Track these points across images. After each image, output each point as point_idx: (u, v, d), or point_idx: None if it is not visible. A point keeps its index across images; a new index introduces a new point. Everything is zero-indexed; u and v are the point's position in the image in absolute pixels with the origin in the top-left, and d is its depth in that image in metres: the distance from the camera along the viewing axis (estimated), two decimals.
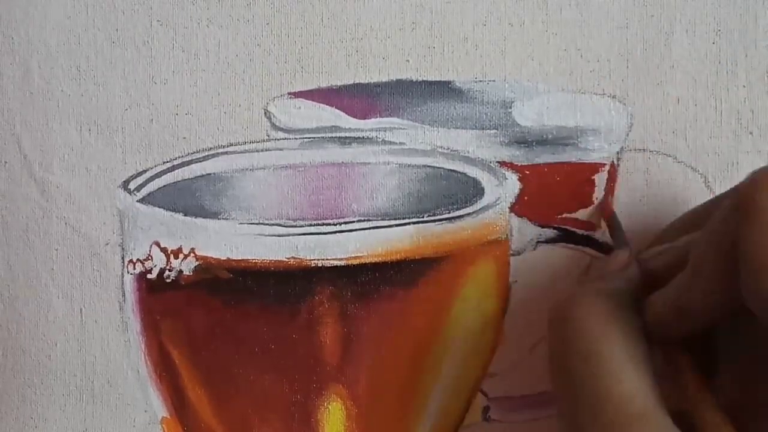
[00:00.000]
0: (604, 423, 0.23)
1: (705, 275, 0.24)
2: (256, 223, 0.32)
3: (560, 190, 0.33)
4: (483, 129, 0.33)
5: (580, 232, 0.33)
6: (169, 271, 0.32)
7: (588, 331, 0.25)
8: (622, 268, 0.28)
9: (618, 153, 0.33)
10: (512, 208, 0.33)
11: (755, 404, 0.25)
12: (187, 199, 0.33)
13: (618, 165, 0.33)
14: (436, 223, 0.32)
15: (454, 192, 0.33)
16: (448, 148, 0.33)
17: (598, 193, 0.33)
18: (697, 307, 0.24)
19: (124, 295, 0.34)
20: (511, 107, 0.33)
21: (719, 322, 0.25)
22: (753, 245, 0.22)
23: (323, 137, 0.33)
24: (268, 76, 0.34)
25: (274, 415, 0.32)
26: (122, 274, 0.34)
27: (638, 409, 0.23)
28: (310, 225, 0.32)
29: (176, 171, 0.33)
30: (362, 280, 0.32)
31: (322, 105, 0.34)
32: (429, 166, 0.33)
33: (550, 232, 0.33)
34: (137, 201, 0.33)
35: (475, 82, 0.33)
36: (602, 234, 0.33)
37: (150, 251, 0.33)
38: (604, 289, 0.27)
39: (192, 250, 0.32)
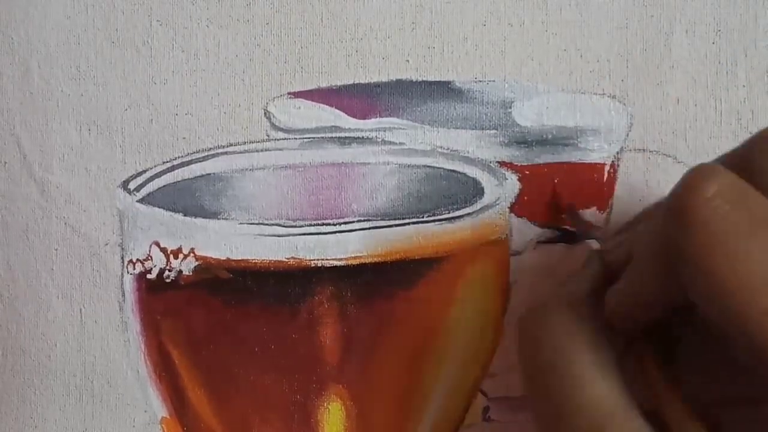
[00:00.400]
0: (577, 427, 0.24)
1: (645, 274, 0.24)
2: (256, 223, 0.32)
3: (560, 190, 0.33)
4: (483, 129, 0.33)
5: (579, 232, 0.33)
6: (169, 271, 0.32)
7: (553, 342, 0.25)
8: (583, 266, 0.29)
9: (618, 153, 0.33)
10: (512, 208, 0.33)
11: (719, 396, 0.25)
12: (187, 199, 0.33)
13: (618, 165, 0.33)
14: (436, 223, 0.32)
15: (454, 192, 0.33)
16: (448, 148, 0.33)
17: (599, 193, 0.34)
18: (644, 301, 0.25)
19: (123, 295, 0.34)
20: (511, 107, 0.33)
21: (671, 313, 0.25)
22: (687, 247, 0.22)
23: (323, 137, 0.33)
24: (268, 76, 0.34)
25: (274, 415, 0.32)
26: (122, 274, 0.34)
27: (608, 410, 0.24)
28: (310, 225, 0.32)
29: (176, 171, 0.33)
30: (362, 280, 0.32)
31: (321, 105, 0.34)
32: (429, 167, 0.33)
33: (549, 233, 0.33)
34: (137, 201, 0.33)
35: (475, 82, 0.33)
36: (602, 234, 0.33)
37: (150, 251, 0.33)
38: (566, 294, 0.27)
39: (192, 250, 0.32)
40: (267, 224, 0.32)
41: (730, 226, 0.21)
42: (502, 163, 0.33)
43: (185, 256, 0.32)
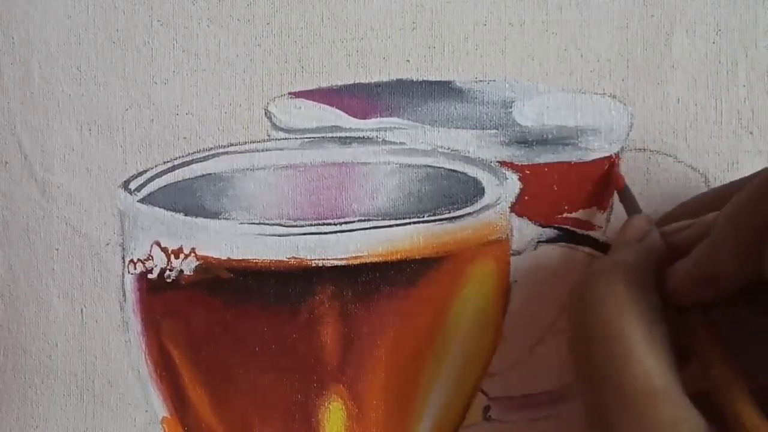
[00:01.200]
0: (624, 401, 0.24)
1: (726, 250, 0.24)
2: (257, 223, 0.32)
3: (560, 190, 0.33)
4: (483, 129, 0.33)
5: (580, 232, 0.33)
6: (170, 270, 0.32)
7: (606, 312, 0.25)
8: (640, 237, 0.28)
9: (618, 153, 0.33)
10: (512, 208, 0.33)
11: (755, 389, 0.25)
12: (188, 199, 0.33)
13: (618, 165, 0.33)
14: (437, 223, 0.32)
15: (455, 192, 0.33)
16: (448, 148, 0.33)
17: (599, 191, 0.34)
18: (718, 276, 0.25)
19: (124, 295, 0.34)
20: (511, 107, 0.33)
21: (739, 291, 0.25)
22: None
23: (324, 137, 0.33)
24: (268, 76, 0.34)
25: (275, 415, 0.32)
26: (123, 274, 0.34)
27: (657, 386, 0.24)
28: (311, 225, 0.32)
29: (177, 171, 0.33)
30: (363, 280, 0.32)
31: (322, 105, 0.34)
32: (429, 166, 0.33)
33: (550, 232, 0.33)
34: (138, 201, 0.33)
35: (476, 82, 0.33)
36: (602, 234, 0.34)
37: (150, 251, 0.33)
38: (622, 263, 0.27)
39: (192, 250, 0.32)
40: (268, 224, 0.32)
41: None
42: (502, 163, 0.33)
43: (186, 256, 0.32)
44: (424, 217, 0.32)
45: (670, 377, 0.24)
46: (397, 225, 0.32)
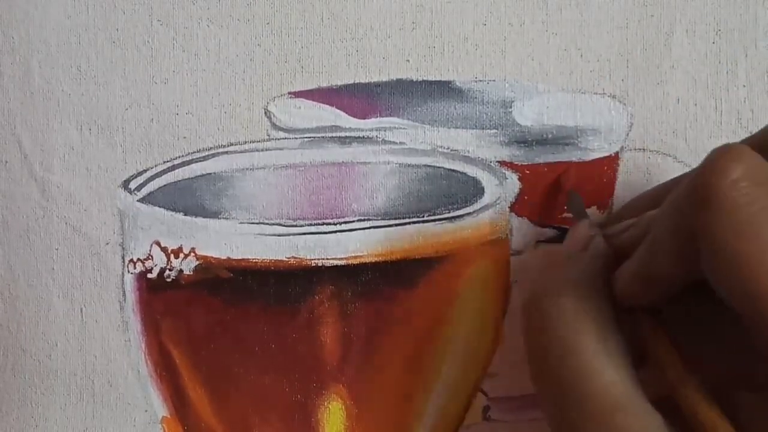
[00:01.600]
0: (588, 416, 0.23)
1: (664, 250, 0.24)
2: (257, 223, 0.32)
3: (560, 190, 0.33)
4: (483, 129, 0.33)
5: None
6: (170, 270, 0.32)
7: (558, 329, 0.25)
8: (584, 246, 0.28)
9: (618, 153, 0.33)
10: (512, 208, 0.33)
11: (734, 380, 0.25)
12: (188, 198, 0.33)
13: (618, 165, 0.33)
14: (436, 222, 0.32)
15: (454, 192, 0.33)
16: (448, 148, 0.33)
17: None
18: (658, 276, 0.25)
19: (124, 294, 0.34)
20: (511, 107, 0.33)
21: (684, 288, 0.25)
22: (711, 229, 0.22)
23: (323, 137, 0.33)
24: (268, 75, 0.34)
25: (275, 415, 0.32)
26: (123, 273, 0.34)
27: (616, 399, 0.23)
28: (311, 224, 0.32)
29: (177, 170, 0.33)
30: (362, 280, 0.32)
31: (322, 105, 0.34)
32: (429, 166, 0.33)
33: (550, 232, 0.33)
34: (137, 200, 0.33)
35: (475, 81, 0.33)
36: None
37: (150, 251, 0.33)
38: (572, 275, 0.26)
39: (192, 250, 0.32)
40: (267, 224, 0.32)
41: (755, 209, 0.21)
42: (502, 163, 0.33)
43: (186, 256, 0.32)
44: (423, 216, 0.32)
45: (630, 387, 0.24)
46: (396, 225, 0.32)
